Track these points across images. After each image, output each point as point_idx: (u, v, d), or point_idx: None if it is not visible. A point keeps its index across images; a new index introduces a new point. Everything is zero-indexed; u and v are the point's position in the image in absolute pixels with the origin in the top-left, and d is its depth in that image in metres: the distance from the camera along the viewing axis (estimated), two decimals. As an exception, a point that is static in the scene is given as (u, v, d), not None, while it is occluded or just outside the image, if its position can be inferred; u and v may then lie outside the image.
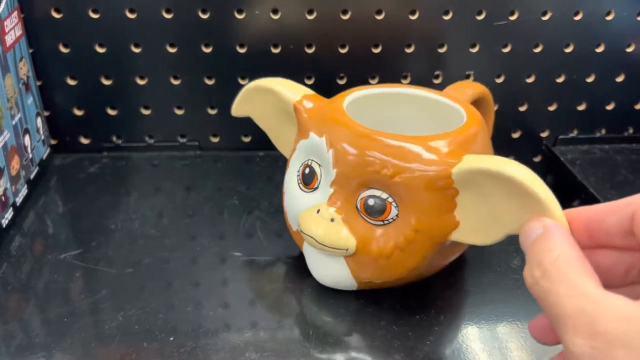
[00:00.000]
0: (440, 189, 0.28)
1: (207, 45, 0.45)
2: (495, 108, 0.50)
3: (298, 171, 0.33)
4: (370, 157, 0.29)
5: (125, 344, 0.30)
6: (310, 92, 0.36)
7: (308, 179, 0.33)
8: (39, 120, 0.45)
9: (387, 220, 0.30)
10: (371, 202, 0.30)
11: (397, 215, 0.30)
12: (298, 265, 0.36)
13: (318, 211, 0.31)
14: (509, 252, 0.38)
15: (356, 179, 0.30)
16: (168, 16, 0.44)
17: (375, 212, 0.30)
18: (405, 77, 0.48)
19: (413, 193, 0.29)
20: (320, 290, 0.34)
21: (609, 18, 0.46)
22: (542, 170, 0.54)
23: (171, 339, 0.30)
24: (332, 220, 0.30)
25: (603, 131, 0.52)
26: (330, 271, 0.33)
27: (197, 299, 0.33)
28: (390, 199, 0.29)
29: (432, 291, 0.35)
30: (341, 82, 0.48)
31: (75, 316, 0.32)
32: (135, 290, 0.34)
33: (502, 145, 0.52)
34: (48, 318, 0.32)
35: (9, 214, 0.39)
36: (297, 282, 0.35)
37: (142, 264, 0.36)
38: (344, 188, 0.30)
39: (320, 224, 0.31)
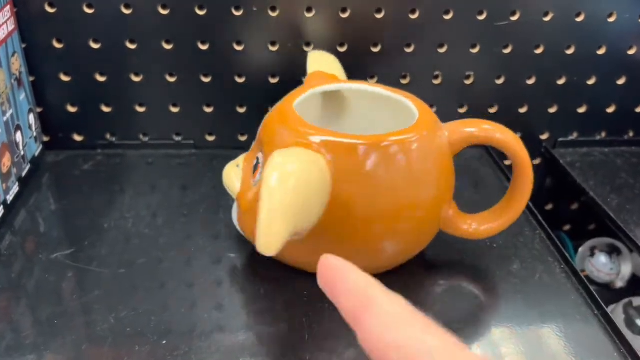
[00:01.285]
0: None
1: (203, 43, 0.45)
2: (495, 110, 0.50)
3: None
4: (267, 124, 0.34)
5: (117, 347, 0.29)
6: None
7: None
8: (31, 116, 0.44)
9: (255, 181, 0.32)
10: (254, 161, 0.33)
11: (259, 180, 0.31)
12: (294, 268, 0.35)
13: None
14: (508, 256, 0.38)
15: (258, 139, 0.34)
16: (164, 12, 0.43)
17: (253, 171, 0.33)
18: (404, 77, 0.48)
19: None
20: (316, 294, 0.34)
21: (611, 20, 0.46)
22: (541, 173, 0.54)
23: (164, 342, 0.30)
24: (237, 166, 0.35)
25: (603, 134, 0.52)
26: (234, 214, 0.35)
27: (191, 300, 0.33)
28: (261, 164, 0.32)
29: (429, 295, 0.34)
30: (340, 81, 0.47)
31: (67, 317, 0.31)
32: (128, 291, 0.33)
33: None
34: (39, 319, 0.31)
35: (0, 212, 0.38)
36: (293, 285, 0.34)
37: (136, 264, 0.36)
38: (255, 146, 0.34)
39: (230, 167, 0.35)
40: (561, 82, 0.49)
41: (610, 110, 0.51)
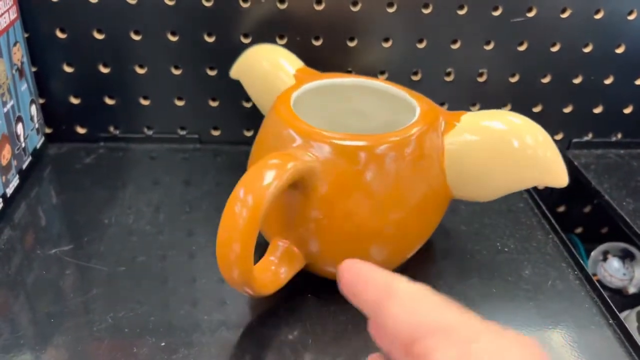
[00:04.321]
0: None
1: (210, 35, 0.44)
2: (508, 108, 0.48)
3: None
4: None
5: (113, 348, 0.29)
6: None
7: None
8: (33, 107, 0.43)
9: None
10: None
11: None
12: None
13: None
14: (520, 261, 0.36)
15: None
16: (170, 3, 0.42)
17: None
18: (415, 74, 0.46)
19: None
20: (320, 295, 0.33)
21: (631, 17, 0.44)
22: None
23: (162, 344, 0.29)
24: None
25: (619, 135, 0.50)
26: None
27: (191, 300, 0.32)
28: None
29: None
30: (349, 76, 0.46)
31: (63, 316, 0.30)
32: (127, 290, 0.32)
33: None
34: (34, 317, 0.30)
35: (-1, 205, 0.37)
36: (297, 286, 0.33)
37: (136, 262, 0.35)
38: None
39: None
40: (577, 81, 0.47)
41: (627, 110, 0.49)
